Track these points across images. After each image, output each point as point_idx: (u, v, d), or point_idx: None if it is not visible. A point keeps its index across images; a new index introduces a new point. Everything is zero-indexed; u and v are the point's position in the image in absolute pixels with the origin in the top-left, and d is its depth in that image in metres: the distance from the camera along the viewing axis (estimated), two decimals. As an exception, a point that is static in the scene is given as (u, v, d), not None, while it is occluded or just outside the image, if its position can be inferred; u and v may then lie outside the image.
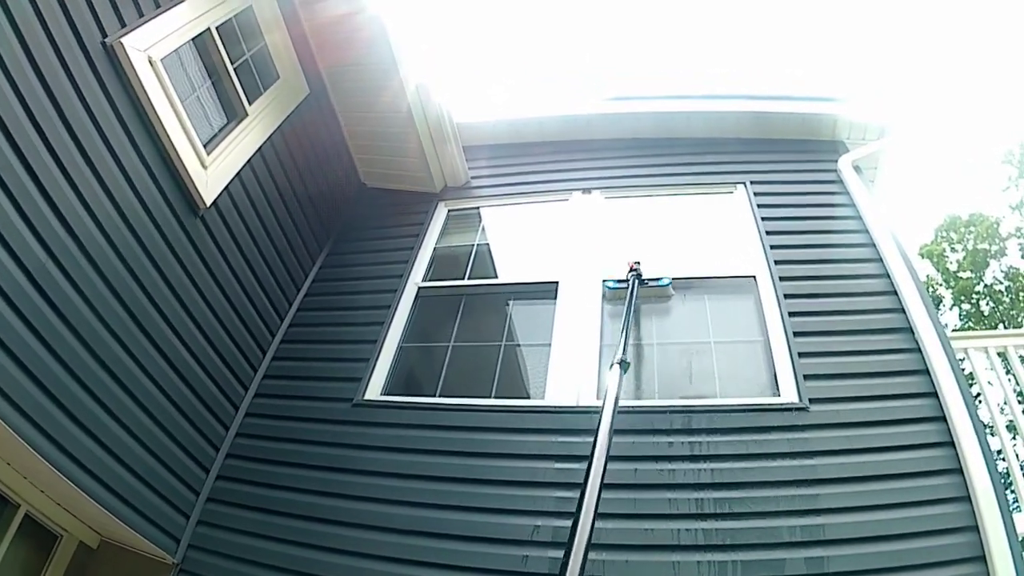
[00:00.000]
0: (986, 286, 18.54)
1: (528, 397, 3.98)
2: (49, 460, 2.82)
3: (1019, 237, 18.31)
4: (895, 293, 3.92)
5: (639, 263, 4.20)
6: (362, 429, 3.89)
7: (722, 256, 4.51)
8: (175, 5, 3.68)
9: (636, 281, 4.08)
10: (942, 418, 3.30)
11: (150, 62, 3.46)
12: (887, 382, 3.54)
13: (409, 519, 3.34)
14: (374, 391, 4.07)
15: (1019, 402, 3.76)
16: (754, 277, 4.19)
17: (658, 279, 4.18)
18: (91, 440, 3.05)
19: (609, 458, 2.46)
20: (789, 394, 3.51)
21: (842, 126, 5.26)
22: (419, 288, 4.74)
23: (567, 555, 2.02)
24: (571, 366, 3.88)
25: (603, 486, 2.29)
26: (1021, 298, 17.62)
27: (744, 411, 3.46)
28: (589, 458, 2.38)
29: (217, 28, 4.07)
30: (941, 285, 19.18)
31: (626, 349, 3.39)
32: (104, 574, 3.58)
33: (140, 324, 3.37)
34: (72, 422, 2.95)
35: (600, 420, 2.75)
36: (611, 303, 4.24)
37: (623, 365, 3.20)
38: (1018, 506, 3.23)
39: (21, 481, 3.18)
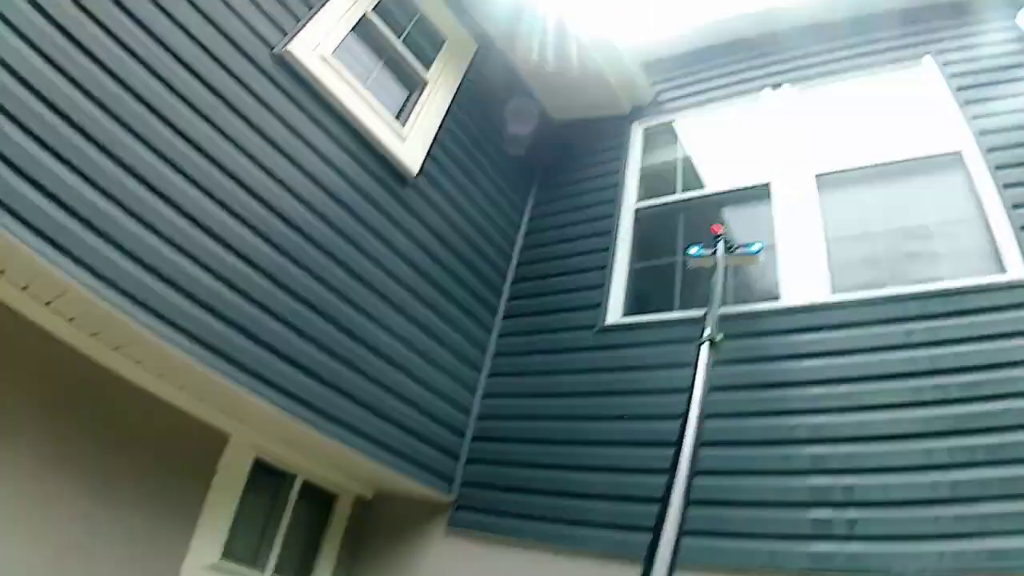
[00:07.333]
0: None
1: (762, 300, 3.71)
2: (322, 431, 3.24)
3: None
4: None
5: (724, 228, 3.86)
6: (608, 353, 3.92)
7: (922, 135, 4.01)
8: (326, 2, 3.84)
9: (724, 248, 3.66)
10: None
11: (323, 59, 3.68)
12: None
13: (655, 432, 3.31)
14: (615, 314, 4.10)
15: None
16: (960, 152, 3.75)
17: (747, 245, 3.75)
18: (355, 405, 3.41)
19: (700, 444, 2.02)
20: (1016, 270, 3.16)
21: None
22: (636, 210, 4.68)
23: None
24: (801, 263, 3.68)
25: (694, 474, 1.85)
26: None
27: (965, 293, 3.18)
28: (677, 443, 1.97)
29: (374, 9, 4.23)
30: None
31: (716, 323, 2.89)
32: (383, 520, 4.00)
33: (385, 297, 3.71)
34: (334, 391, 3.32)
35: (689, 402, 2.27)
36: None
37: (713, 344, 2.70)
38: None
39: (293, 455, 3.71)
